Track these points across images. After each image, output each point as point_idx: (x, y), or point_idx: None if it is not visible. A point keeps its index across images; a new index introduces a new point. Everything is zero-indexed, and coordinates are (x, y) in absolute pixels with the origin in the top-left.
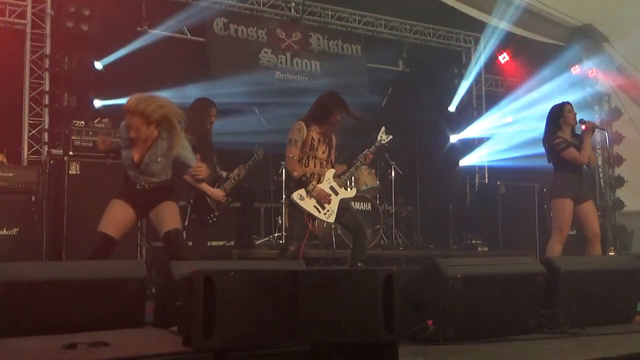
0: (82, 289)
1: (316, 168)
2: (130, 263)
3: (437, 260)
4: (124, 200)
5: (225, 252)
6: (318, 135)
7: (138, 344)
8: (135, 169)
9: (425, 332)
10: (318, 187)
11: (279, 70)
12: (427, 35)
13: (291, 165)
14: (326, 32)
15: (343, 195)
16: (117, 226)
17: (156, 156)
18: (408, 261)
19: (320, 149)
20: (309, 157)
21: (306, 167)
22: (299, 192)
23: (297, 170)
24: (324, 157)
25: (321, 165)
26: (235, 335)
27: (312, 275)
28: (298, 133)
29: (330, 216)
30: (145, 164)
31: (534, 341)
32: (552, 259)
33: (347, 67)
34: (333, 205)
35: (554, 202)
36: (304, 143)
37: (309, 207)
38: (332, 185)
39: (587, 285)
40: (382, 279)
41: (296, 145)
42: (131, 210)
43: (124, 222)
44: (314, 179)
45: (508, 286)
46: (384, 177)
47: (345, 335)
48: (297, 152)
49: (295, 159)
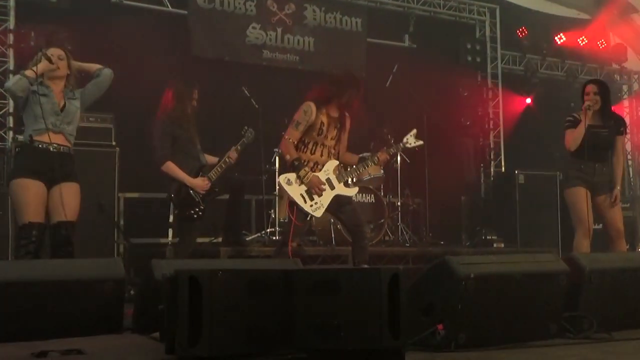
0: (53, 290)
1: (322, 157)
2: (107, 262)
3: (448, 258)
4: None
5: (212, 250)
6: (328, 119)
7: (115, 351)
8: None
9: (434, 338)
10: (311, 174)
11: (267, 49)
12: (437, 6)
13: (285, 147)
14: (323, 4)
15: (340, 191)
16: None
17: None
18: (416, 259)
19: (330, 135)
20: (316, 144)
21: (312, 154)
22: (286, 176)
23: (291, 153)
24: (333, 145)
25: (328, 154)
26: (223, 342)
27: (309, 275)
28: (304, 115)
29: (317, 210)
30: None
31: (555, 347)
32: (576, 256)
33: (345, 44)
34: (324, 200)
35: (566, 194)
36: (312, 127)
37: (294, 194)
38: (329, 177)
39: (614, 285)
40: (387, 278)
41: (297, 128)
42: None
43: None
44: (314, 167)
45: (527, 286)
46: (389, 165)
47: (345, 341)
48: (297, 136)
49: (292, 142)
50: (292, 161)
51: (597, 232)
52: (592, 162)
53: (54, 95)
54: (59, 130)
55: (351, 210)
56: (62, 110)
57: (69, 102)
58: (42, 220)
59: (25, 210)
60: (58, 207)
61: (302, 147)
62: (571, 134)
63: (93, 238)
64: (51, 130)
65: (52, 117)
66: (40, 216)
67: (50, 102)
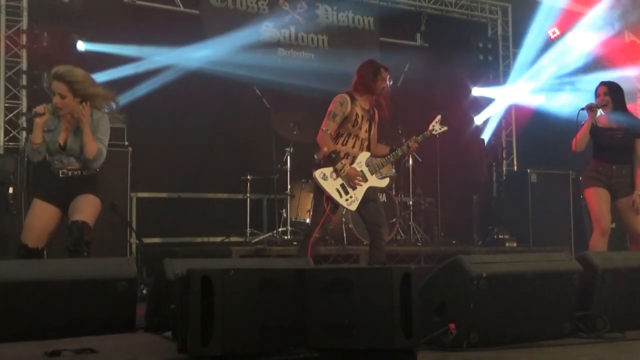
0: (66, 290)
1: (354, 149)
2: (119, 261)
3: (460, 258)
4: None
5: (224, 249)
6: (362, 111)
7: (128, 350)
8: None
9: (446, 337)
10: (348, 166)
11: (281, 47)
12: (448, 5)
13: (323, 139)
14: (335, 3)
15: (373, 183)
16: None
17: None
18: (427, 258)
19: (364, 127)
20: (350, 135)
21: (343, 145)
22: (322, 171)
23: (329, 145)
24: (365, 137)
25: (361, 146)
26: (235, 341)
27: (320, 274)
28: (340, 107)
29: (352, 204)
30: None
31: (568, 347)
32: (589, 255)
33: (357, 43)
34: (358, 193)
35: (584, 194)
36: (347, 118)
37: (330, 188)
38: (362, 169)
39: (628, 285)
40: (399, 278)
41: (334, 120)
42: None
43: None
44: (348, 159)
45: (539, 286)
46: (401, 164)
47: (357, 341)
48: (334, 127)
49: (330, 133)
50: (330, 153)
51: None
52: (608, 163)
53: (60, 130)
54: (67, 164)
55: (375, 209)
56: (64, 148)
57: (75, 137)
58: (40, 246)
59: (27, 232)
60: (72, 212)
61: (336, 139)
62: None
63: (106, 237)
64: (58, 164)
65: (56, 155)
66: (40, 242)
67: (53, 141)
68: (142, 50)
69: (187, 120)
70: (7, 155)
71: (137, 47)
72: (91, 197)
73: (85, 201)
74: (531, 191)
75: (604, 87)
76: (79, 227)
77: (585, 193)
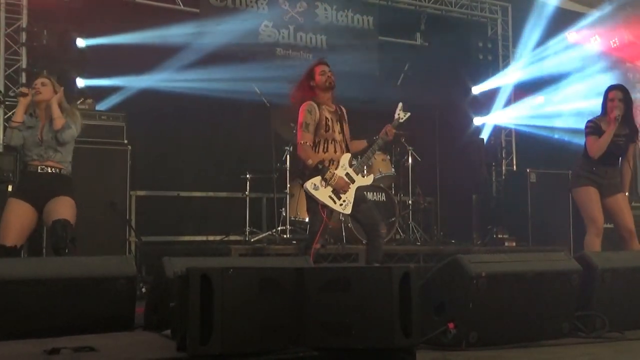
0: (65, 288)
1: (336, 153)
2: (118, 259)
3: (459, 257)
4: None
5: (223, 248)
6: (330, 114)
7: (127, 349)
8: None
9: (445, 337)
10: (337, 175)
11: (280, 47)
12: (448, 4)
13: (305, 152)
14: (335, 2)
15: (360, 182)
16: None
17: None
18: (427, 258)
19: (336, 130)
20: (328, 141)
21: (325, 153)
22: (312, 181)
23: (312, 157)
24: (341, 138)
25: (341, 148)
26: (234, 339)
27: (320, 273)
28: (310, 115)
29: (346, 207)
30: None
31: (567, 347)
32: (588, 255)
33: (356, 42)
34: (349, 195)
35: (574, 193)
36: (318, 125)
37: (323, 197)
38: (347, 172)
39: (627, 284)
40: (398, 277)
41: (308, 129)
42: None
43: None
44: (333, 165)
45: (538, 285)
46: (400, 164)
47: (356, 340)
48: (310, 138)
49: (309, 144)
50: (316, 165)
51: (607, 231)
52: (604, 166)
53: (39, 127)
54: (46, 158)
55: (367, 208)
56: (43, 141)
57: (50, 126)
58: (18, 244)
59: (5, 231)
60: (51, 213)
61: (315, 148)
62: (595, 142)
63: (105, 236)
64: (37, 160)
65: (35, 149)
66: (19, 239)
67: (33, 135)
68: (141, 48)
69: (186, 119)
70: (5, 153)
71: (136, 45)
72: (68, 199)
73: (63, 203)
74: (530, 191)
75: (619, 92)
76: (62, 225)
77: (577, 191)
